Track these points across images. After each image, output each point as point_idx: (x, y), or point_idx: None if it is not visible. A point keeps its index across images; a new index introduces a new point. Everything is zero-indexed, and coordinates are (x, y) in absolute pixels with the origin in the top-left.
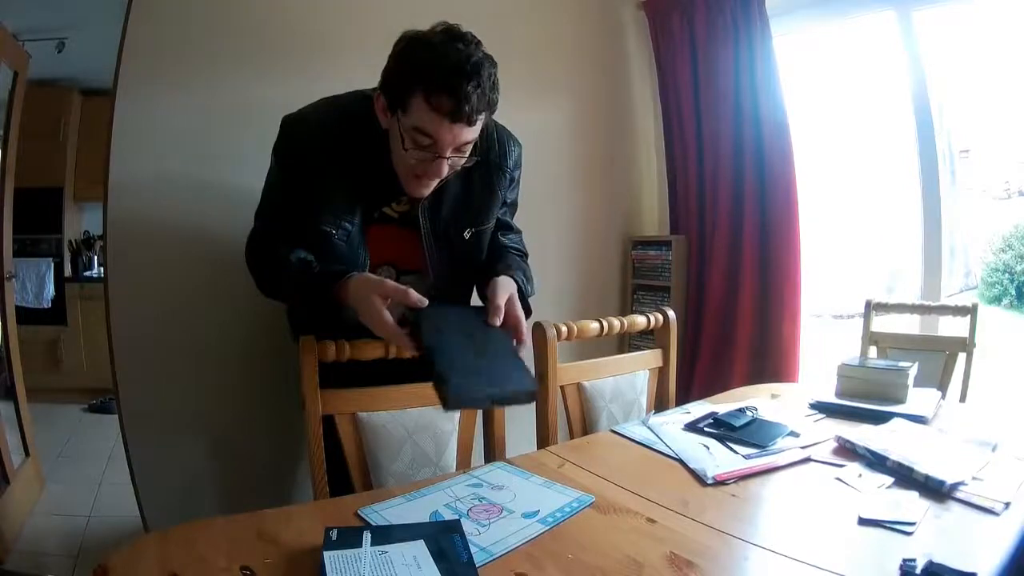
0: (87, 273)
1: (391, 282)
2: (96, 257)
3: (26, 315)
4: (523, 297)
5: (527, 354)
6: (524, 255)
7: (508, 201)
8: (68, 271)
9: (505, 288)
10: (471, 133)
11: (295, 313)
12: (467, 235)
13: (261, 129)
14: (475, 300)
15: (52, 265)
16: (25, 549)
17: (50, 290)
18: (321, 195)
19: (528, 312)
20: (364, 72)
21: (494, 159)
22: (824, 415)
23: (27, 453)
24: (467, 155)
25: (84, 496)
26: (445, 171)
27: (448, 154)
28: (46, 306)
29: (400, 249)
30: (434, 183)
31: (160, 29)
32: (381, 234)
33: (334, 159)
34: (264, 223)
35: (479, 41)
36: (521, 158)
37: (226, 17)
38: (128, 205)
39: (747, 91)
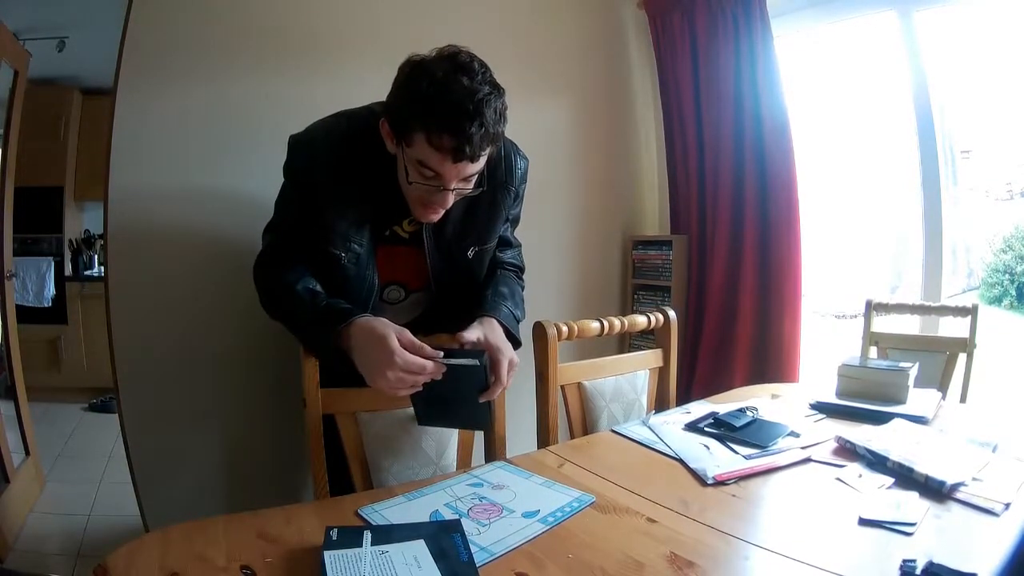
0: (87, 272)
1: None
2: (96, 256)
3: (26, 314)
4: (512, 331)
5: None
6: (520, 270)
7: (511, 217)
8: (68, 270)
9: (504, 342)
10: (475, 167)
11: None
12: (471, 254)
13: (262, 128)
14: None
15: (52, 264)
16: (25, 548)
17: (50, 289)
18: (330, 217)
19: (517, 344)
20: (368, 71)
21: (500, 177)
22: (824, 415)
23: (27, 452)
24: (472, 184)
25: (84, 495)
26: (451, 202)
27: (453, 186)
28: (46, 305)
29: (408, 268)
30: (442, 211)
31: (161, 28)
32: (391, 254)
33: (343, 180)
34: (274, 242)
35: (486, 69)
36: (527, 172)
37: (226, 16)
38: (129, 204)
39: (748, 91)
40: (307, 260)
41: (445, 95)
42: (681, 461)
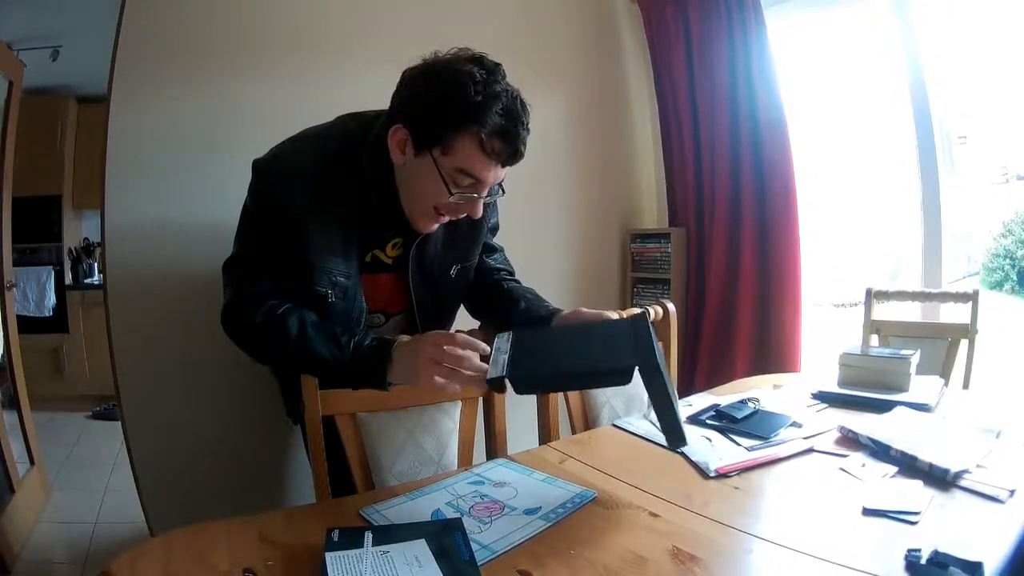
0: (88, 280)
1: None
2: (96, 264)
3: (28, 324)
4: None
5: None
6: (511, 273)
7: (490, 227)
8: (69, 279)
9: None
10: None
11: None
12: (453, 272)
13: (257, 132)
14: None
15: (52, 273)
16: (32, 557)
17: (51, 298)
18: (310, 251)
19: None
20: (365, 74)
21: None
22: (826, 405)
23: (32, 462)
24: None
25: (90, 503)
26: (480, 211)
27: (486, 193)
28: (47, 314)
29: (389, 294)
30: (446, 219)
31: (153, 35)
32: (373, 284)
33: (323, 207)
34: (244, 289)
35: (501, 66)
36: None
37: (219, 21)
38: (126, 211)
39: (743, 81)
40: (290, 300)
41: (495, 99)
42: (683, 454)
